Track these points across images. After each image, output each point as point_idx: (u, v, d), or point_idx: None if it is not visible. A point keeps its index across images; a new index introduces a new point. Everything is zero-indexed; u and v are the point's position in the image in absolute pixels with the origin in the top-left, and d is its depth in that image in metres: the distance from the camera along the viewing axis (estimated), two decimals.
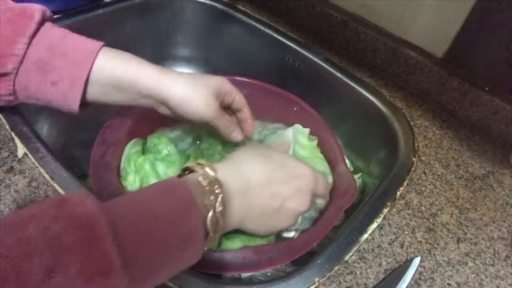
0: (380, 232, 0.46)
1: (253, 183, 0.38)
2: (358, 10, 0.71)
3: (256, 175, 0.38)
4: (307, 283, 0.40)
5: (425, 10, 0.62)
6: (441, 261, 0.45)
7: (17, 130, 0.47)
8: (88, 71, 0.39)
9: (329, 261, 0.42)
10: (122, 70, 0.41)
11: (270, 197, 0.39)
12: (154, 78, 0.41)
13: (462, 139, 0.61)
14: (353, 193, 0.50)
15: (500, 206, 0.52)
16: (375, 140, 0.64)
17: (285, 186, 0.40)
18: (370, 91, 0.65)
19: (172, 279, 0.37)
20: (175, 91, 0.42)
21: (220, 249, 0.45)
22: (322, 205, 0.51)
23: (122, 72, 0.41)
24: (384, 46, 0.68)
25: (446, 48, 0.63)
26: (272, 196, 0.39)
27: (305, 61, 0.71)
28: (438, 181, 0.54)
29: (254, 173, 0.38)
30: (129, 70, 0.41)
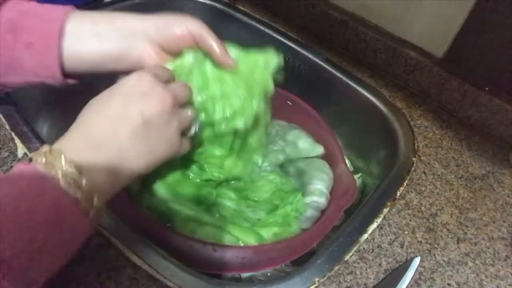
0: (380, 232, 0.46)
1: (99, 133, 0.33)
2: (358, 10, 0.71)
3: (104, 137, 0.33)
4: (307, 283, 0.40)
5: (425, 10, 0.62)
6: (441, 261, 0.45)
7: (17, 130, 0.47)
8: (61, 24, 0.38)
9: (329, 261, 0.42)
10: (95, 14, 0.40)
11: (123, 125, 0.34)
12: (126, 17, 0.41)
13: (462, 139, 0.61)
14: (353, 193, 0.50)
15: (500, 206, 0.52)
16: (375, 140, 0.64)
17: (130, 105, 0.34)
18: (370, 91, 0.65)
19: (172, 279, 0.37)
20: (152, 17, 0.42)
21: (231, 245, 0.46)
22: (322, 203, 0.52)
23: (95, 15, 0.40)
24: (384, 46, 0.68)
25: (446, 48, 0.63)
26: (123, 122, 0.34)
27: (305, 61, 0.71)
28: (438, 181, 0.54)
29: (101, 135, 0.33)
30: (103, 13, 0.40)
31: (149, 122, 0.34)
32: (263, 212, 0.52)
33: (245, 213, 0.51)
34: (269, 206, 0.54)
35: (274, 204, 0.54)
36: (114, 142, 0.33)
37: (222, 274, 0.46)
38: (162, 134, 0.36)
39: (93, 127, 0.33)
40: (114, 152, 0.33)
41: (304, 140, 0.60)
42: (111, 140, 0.33)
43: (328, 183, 0.54)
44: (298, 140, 0.60)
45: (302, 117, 0.63)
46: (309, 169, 0.56)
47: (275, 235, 0.48)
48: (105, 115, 0.34)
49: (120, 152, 0.33)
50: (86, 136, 0.33)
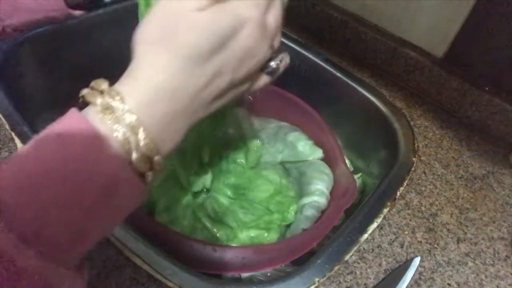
0: (380, 232, 0.46)
1: (181, 92, 0.27)
2: (358, 10, 0.71)
3: (180, 81, 0.26)
4: (307, 283, 0.40)
5: (425, 10, 0.62)
6: (441, 261, 0.45)
7: (17, 130, 0.47)
8: None
9: (329, 261, 0.42)
10: None
11: (209, 87, 0.28)
12: None
13: (462, 139, 0.61)
14: (353, 193, 0.50)
15: (500, 206, 0.52)
16: (375, 140, 0.64)
17: (227, 63, 0.28)
18: (370, 91, 0.65)
19: (172, 279, 0.37)
20: None
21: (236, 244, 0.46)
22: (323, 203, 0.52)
23: None
24: (384, 46, 0.68)
25: (446, 48, 0.63)
26: (210, 84, 0.28)
27: (305, 61, 0.71)
28: (438, 181, 0.54)
29: (177, 80, 0.26)
30: None
31: (233, 83, 0.29)
32: (254, 216, 0.52)
33: (237, 214, 0.52)
34: (262, 211, 0.54)
35: (268, 209, 0.54)
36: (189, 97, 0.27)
37: (222, 274, 0.46)
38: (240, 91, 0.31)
39: (167, 75, 0.26)
40: (186, 107, 0.27)
41: (304, 143, 0.60)
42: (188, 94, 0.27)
43: (328, 183, 0.54)
44: (298, 143, 0.60)
45: (302, 117, 0.63)
46: (309, 169, 0.57)
47: (251, 239, 0.48)
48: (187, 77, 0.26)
49: (191, 108, 0.28)
50: (156, 84, 0.26)
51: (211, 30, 0.26)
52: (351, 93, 0.66)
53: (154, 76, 0.26)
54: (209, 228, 0.49)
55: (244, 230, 0.49)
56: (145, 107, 0.25)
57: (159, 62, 0.26)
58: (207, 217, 0.50)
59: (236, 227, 0.50)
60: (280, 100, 0.66)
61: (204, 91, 0.28)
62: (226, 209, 0.52)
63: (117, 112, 0.24)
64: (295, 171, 0.59)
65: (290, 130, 0.62)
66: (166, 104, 0.26)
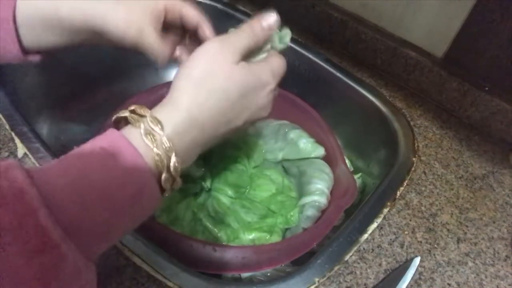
0: (380, 232, 0.46)
1: (207, 128, 0.33)
2: (358, 10, 0.71)
3: (210, 120, 0.33)
4: (307, 283, 0.40)
5: (425, 10, 0.62)
6: (441, 261, 0.45)
7: (17, 130, 0.47)
8: (12, 14, 0.35)
9: (329, 261, 0.42)
10: (42, 7, 0.36)
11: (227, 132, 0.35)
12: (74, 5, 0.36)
13: (462, 139, 0.61)
14: (353, 193, 0.50)
15: (500, 206, 0.52)
16: (375, 140, 0.64)
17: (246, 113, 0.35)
18: (370, 91, 0.65)
19: (172, 279, 0.37)
20: (93, 12, 0.36)
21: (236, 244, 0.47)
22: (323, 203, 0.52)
23: (42, 9, 0.36)
24: (384, 46, 0.68)
25: (446, 48, 0.63)
26: (230, 130, 0.35)
27: (305, 61, 0.71)
28: (438, 181, 0.54)
29: (207, 118, 0.32)
30: (49, 6, 0.36)
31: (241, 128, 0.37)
32: (256, 216, 0.52)
33: (239, 213, 0.52)
34: (264, 211, 0.54)
35: (270, 209, 0.54)
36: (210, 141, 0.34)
37: (222, 274, 0.46)
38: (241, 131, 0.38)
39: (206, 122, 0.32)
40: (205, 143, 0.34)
41: (306, 140, 0.60)
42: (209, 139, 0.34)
43: (329, 182, 0.54)
44: (300, 140, 0.60)
45: (302, 117, 0.63)
46: (309, 169, 0.56)
47: (252, 240, 0.48)
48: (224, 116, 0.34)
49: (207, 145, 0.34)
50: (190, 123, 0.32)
51: (241, 84, 0.34)
52: (351, 93, 0.66)
53: (191, 109, 0.32)
54: (210, 229, 0.49)
55: (247, 231, 0.49)
56: (179, 135, 0.31)
57: (198, 98, 0.32)
58: (208, 217, 0.50)
59: (238, 227, 0.50)
60: (280, 100, 0.65)
61: (223, 128, 0.34)
62: (227, 208, 0.52)
63: (156, 137, 0.29)
64: (295, 170, 0.59)
65: (292, 128, 0.62)
66: (195, 134, 0.32)
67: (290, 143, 0.61)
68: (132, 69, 0.75)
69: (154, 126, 0.29)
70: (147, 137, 0.28)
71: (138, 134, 0.29)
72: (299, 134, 0.61)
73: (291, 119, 0.65)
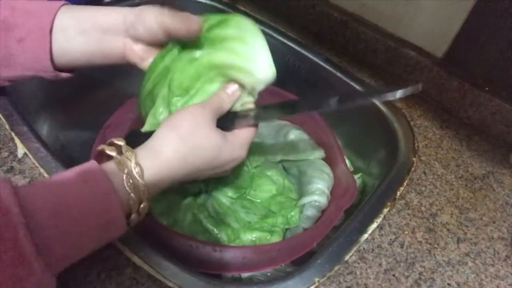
0: (380, 232, 0.46)
1: (179, 177, 0.37)
2: (358, 10, 0.71)
3: (184, 171, 0.37)
4: (307, 283, 0.40)
5: (425, 10, 0.62)
6: (441, 261, 0.45)
7: (17, 130, 0.47)
8: (51, 22, 0.39)
9: (329, 261, 0.42)
10: (80, 11, 0.41)
11: (194, 179, 0.40)
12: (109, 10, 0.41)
13: (462, 139, 0.61)
14: (353, 193, 0.50)
15: (500, 206, 0.52)
16: (375, 140, 0.64)
17: (214, 170, 0.40)
18: None
19: (172, 279, 0.37)
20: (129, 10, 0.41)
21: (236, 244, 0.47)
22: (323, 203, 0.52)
23: (79, 13, 0.41)
24: (384, 46, 0.68)
25: (446, 48, 0.63)
26: (196, 177, 0.40)
27: (305, 61, 0.71)
28: (438, 181, 0.54)
29: (183, 170, 0.37)
30: (87, 10, 0.41)
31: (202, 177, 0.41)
32: (256, 216, 0.52)
33: (239, 214, 0.52)
34: (265, 211, 0.54)
35: (270, 210, 0.54)
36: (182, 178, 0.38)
37: (222, 274, 0.46)
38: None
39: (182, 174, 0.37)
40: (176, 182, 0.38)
41: (306, 142, 0.60)
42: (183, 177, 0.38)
43: (329, 182, 0.54)
44: (299, 141, 0.60)
45: (302, 117, 0.63)
46: (309, 169, 0.56)
47: (253, 240, 0.48)
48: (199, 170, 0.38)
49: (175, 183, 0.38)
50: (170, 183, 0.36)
51: (218, 147, 0.38)
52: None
53: (173, 161, 0.36)
54: (210, 230, 0.48)
55: (248, 231, 0.49)
56: (155, 185, 0.35)
57: (181, 152, 0.36)
58: (208, 217, 0.50)
59: (239, 227, 0.50)
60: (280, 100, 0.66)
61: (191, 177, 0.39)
62: (227, 208, 0.52)
63: (136, 183, 0.33)
64: (295, 170, 0.59)
65: (292, 129, 0.62)
66: (169, 182, 0.36)
67: (290, 144, 0.61)
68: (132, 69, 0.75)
69: (136, 173, 0.33)
70: (128, 184, 0.32)
71: (121, 179, 0.32)
72: (299, 135, 0.61)
73: (291, 119, 0.65)
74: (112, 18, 0.41)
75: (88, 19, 0.41)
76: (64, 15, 0.40)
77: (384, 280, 0.42)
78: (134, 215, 0.33)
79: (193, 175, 0.38)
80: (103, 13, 0.41)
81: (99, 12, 0.41)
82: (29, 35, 0.39)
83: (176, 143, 0.36)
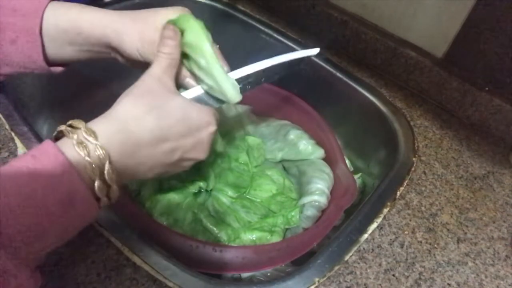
0: (380, 232, 0.46)
1: (144, 143, 0.33)
2: (358, 10, 0.71)
3: (147, 134, 0.33)
4: (307, 283, 0.40)
5: (425, 10, 0.62)
6: (441, 261, 0.45)
7: (17, 130, 0.47)
8: (39, 23, 0.39)
9: (329, 261, 0.42)
10: (64, 19, 0.40)
11: (166, 153, 0.36)
12: (93, 20, 0.39)
13: (462, 139, 0.61)
14: (353, 193, 0.50)
15: (500, 206, 0.52)
16: (375, 140, 0.64)
17: (185, 140, 0.36)
18: (370, 91, 0.65)
19: (172, 279, 0.37)
20: (111, 29, 0.39)
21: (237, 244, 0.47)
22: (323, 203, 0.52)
23: (64, 21, 0.40)
24: (384, 46, 0.68)
25: (446, 48, 0.63)
26: (169, 152, 0.36)
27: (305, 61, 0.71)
28: (438, 181, 0.54)
29: (144, 132, 0.33)
30: (71, 19, 0.40)
31: (184, 161, 0.38)
32: (256, 216, 0.52)
33: (239, 213, 0.52)
34: (265, 211, 0.54)
35: (270, 210, 0.54)
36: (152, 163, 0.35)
37: (222, 274, 0.46)
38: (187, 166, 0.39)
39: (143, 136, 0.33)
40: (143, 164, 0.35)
41: (306, 142, 0.60)
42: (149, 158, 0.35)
43: (329, 182, 0.54)
44: (300, 141, 0.60)
45: (302, 117, 0.63)
46: (309, 168, 0.56)
47: (253, 240, 0.48)
48: (161, 140, 0.34)
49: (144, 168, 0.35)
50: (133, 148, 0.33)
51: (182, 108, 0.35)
52: (351, 93, 0.66)
53: (127, 121, 0.33)
54: (210, 229, 0.49)
55: (248, 231, 0.49)
56: (113, 146, 0.32)
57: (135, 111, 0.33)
58: (208, 217, 0.50)
59: (239, 227, 0.50)
60: (280, 100, 0.66)
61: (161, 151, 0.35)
62: (227, 208, 0.52)
63: (89, 146, 0.30)
64: (295, 170, 0.59)
65: (292, 129, 0.62)
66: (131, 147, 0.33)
67: (290, 144, 0.61)
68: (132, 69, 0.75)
69: (88, 136, 0.30)
70: (79, 147, 0.30)
71: (71, 144, 0.30)
72: (300, 135, 0.61)
73: (291, 119, 0.65)
74: (95, 36, 0.40)
75: (72, 29, 0.39)
76: (50, 21, 0.39)
77: (384, 280, 0.42)
78: (98, 181, 0.30)
79: (166, 146, 0.35)
80: (87, 27, 0.39)
81: (80, 21, 0.39)
82: (20, 37, 0.39)
83: (131, 104, 0.34)
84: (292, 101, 0.64)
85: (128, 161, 0.33)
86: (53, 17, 0.39)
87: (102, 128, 0.32)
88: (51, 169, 0.28)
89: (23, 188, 0.27)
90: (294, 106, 0.64)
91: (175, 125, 0.35)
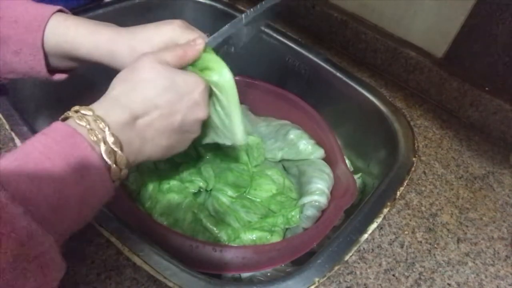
0: (380, 232, 0.46)
1: (139, 112, 0.35)
2: (358, 10, 0.71)
3: (139, 103, 0.35)
4: (307, 283, 0.40)
5: (425, 10, 0.62)
6: (441, 261, 0.45)
7: (17, 130, 0.47)
8: (41, 38, 0.40)
9: (329, 261, 0.42)
10: (62, 41, 0.41)
11: (163, 119, 0.37)
12: (89, 46, 0.41)
13: (462, 139, 0.61)
14: (353, 193, 0.50)
15: (500, 206, 0.52)
16: (375, 140, 0.64)
17: (179, 104, 0.37)
18: (370, 91, 0.65)
19: (172, 279, 0.37)
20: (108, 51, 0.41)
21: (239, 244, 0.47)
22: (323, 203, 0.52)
23: (63, 43, 0.41)
24: (384, 46, 0.68)
25: (446, 48, 0.63)
26: (165, 117, 0.37)
27: (305, 61, 0.71)
28: (438, 181, 0.54)
29: (135, 102, 0.35)
30: (68, 40, 0.41)
31: (187, 123, 0.38)
32: (256, 216, 0.52)
33: (239, 213, 0.52)
34: (265, 211, 0.54)
35: (270, 210, 0.54)
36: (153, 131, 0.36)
37: (222, 274, 0.46)
38: (195, 128, 0.40)
39: (135, 107, 0.35)
40: (145, 135, 0.36)
41: (306, 142, 0.60)
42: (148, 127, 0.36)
43: (329, 182, 0.54)
44: (300, 141, 0.60)
45: (302, 117, 0.63)
46: (309, 168, 0.56)
47: (253, 240, 0.48)
48: (154, 107, 0.36)
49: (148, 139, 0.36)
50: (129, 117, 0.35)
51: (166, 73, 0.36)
52: (351, 93, 0.66)
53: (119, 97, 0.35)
54: (210, 229, 0.49)
55: (248, 231, 0.49)
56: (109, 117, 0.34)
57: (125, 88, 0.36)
58: (208, 217, 0.50)
59: (239, 227, 0.50)
60: (280, 100, 0.66)
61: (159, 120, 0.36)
62: (227, 208, 0.52)
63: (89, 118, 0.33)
64: (295, 170, 0.59)
65: (292, 128, 0.62)
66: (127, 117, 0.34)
67: (290, 144, 0.61)
68: None
69: (86, 111, 0.33)
70: (80, 120, 0.32)
71: (72, 121, 0.33)
72: (300, 135, 0.61)
73: (291, 119, 0.65)
74: (93, 60, 0.42)
75: (73, 53, 0.42)
76: (50, 39, 0.41)
77: (384, 280, 0.42)
78: (104, 146, 0.32)
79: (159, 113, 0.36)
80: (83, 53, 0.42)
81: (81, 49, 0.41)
82: (23, 50, 0.40)
83: (120, 82, 0.36)
84: (292, 101, 0.64)
85: (129, 134, 0.35)
86: (53, 37, 0.41)
87: (97, 106, 0.35)
88: (61, 139, 0.31)
89: (38, 159, 0.29)
90: (294, 106, 0.64)
91: (163, 94, 0.36)
